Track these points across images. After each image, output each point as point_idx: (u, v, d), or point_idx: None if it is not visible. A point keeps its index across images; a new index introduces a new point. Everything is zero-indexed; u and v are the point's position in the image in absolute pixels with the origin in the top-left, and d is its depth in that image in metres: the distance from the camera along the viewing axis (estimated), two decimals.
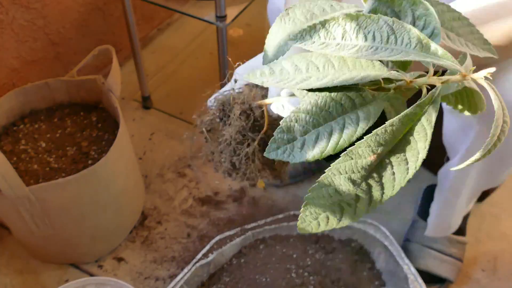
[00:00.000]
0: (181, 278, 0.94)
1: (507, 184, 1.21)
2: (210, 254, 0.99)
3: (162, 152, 1.29)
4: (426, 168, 1.21)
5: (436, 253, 1.05)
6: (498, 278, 1.08)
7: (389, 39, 0.39)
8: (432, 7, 0.43)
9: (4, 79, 1.15)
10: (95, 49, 1.05)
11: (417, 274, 0.93)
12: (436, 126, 0.43)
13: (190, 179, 1.24)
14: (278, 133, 0.42)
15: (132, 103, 1.41)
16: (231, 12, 1.10)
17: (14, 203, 0.89)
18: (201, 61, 1.54)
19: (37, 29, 1.18)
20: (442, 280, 1.05)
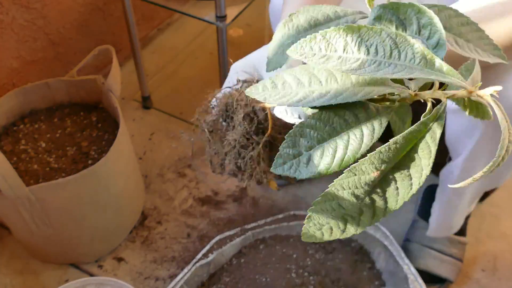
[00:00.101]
0: (181, 278, 0.94)
1: (507, 184, 1.21)
2: (210, 254, 0.99)
3: (162, 152, 1.29)
4: None
5: (436, 253, 1.05)
6: (498, 278, 1.08)
7: (392, 54, 0.39)
8: (440, 13, 0.43)
9: (4, 79, 1.15)
10: (95, 49, 1.05)
11: (417, 274, 0.93)
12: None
13: (190, 179, 1.24)
14: (284, 148, 0.42)
15: (132, 103, 1.41)
16: (231, 12, 1.10)
17: (14, 203, 0.89)
18: (201, 61, 1.54)
19: (37, 29, 1.18)
20: (442, 280, 1.05)
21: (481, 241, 1.13)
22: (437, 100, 0.41)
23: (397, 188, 0.40)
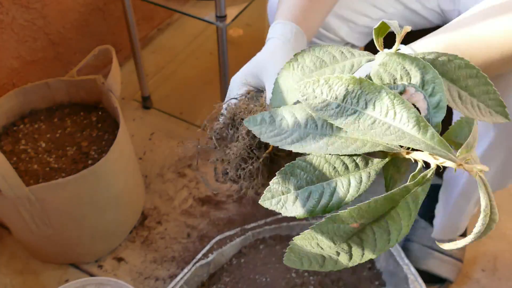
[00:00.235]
0: (181, 278, 0.94)
1: None
2: (210, 254, 0.99)
3: (162, 152, 1.29)
4: None
5: (436, 253, 1.05)
6: (498, 278, 1.08)
7: (388, 113, 0.39)
8: (449, 62, 0.43)
9: (4, 79, 1.15)
10: (95, 49, 1.05)
11: (417, 274, 0.93)
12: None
13: (190, 179, 1.24)
14: (274, 184, 0.43)
15: (132, 103, 1.41)
16: (231, 12, 1.10)
17: (14, 203, 0.89)
18: (201, 61, 1.54)
19: (37, 29, 1.18)
20: (442, 280, 1.05)
21: (481, 241, 1.13)
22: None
23: (375, 240, 0.41)
